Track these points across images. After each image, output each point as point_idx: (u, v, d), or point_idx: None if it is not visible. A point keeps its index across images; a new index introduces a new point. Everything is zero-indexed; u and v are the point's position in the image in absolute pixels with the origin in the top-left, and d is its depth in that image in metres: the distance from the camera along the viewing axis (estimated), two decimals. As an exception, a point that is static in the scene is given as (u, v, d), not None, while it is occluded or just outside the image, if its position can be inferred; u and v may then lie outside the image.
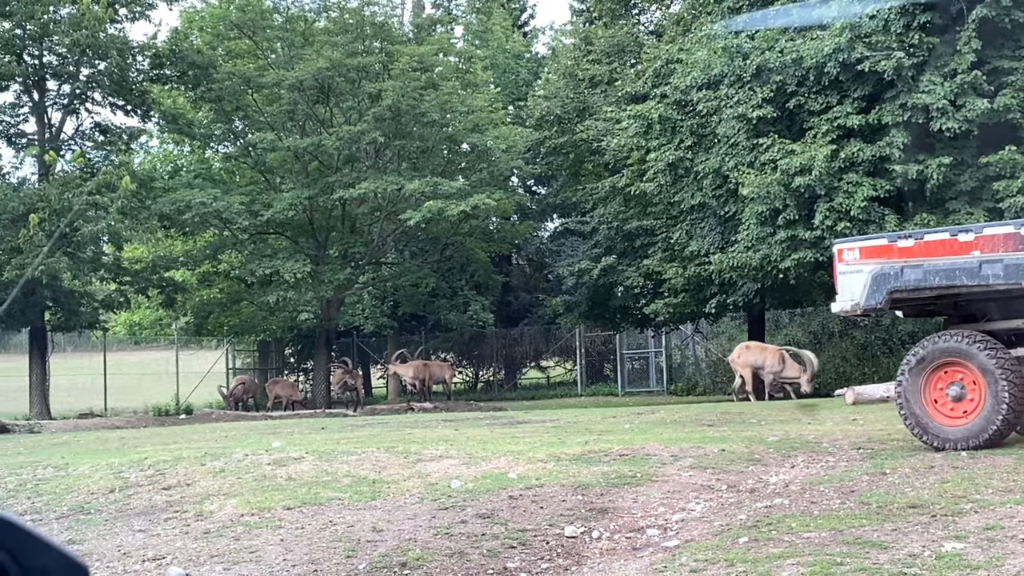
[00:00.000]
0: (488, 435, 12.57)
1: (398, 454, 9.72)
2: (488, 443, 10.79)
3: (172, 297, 31.16)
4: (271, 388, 31.62)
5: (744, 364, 22.93)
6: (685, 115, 23.85)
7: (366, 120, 28.31)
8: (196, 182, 29.53)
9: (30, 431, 23.57)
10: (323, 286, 29.51)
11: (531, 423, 15.51)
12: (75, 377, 37.59)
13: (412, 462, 9.37)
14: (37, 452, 13.88)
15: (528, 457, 9.32)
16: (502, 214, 32.92)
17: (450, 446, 10.37)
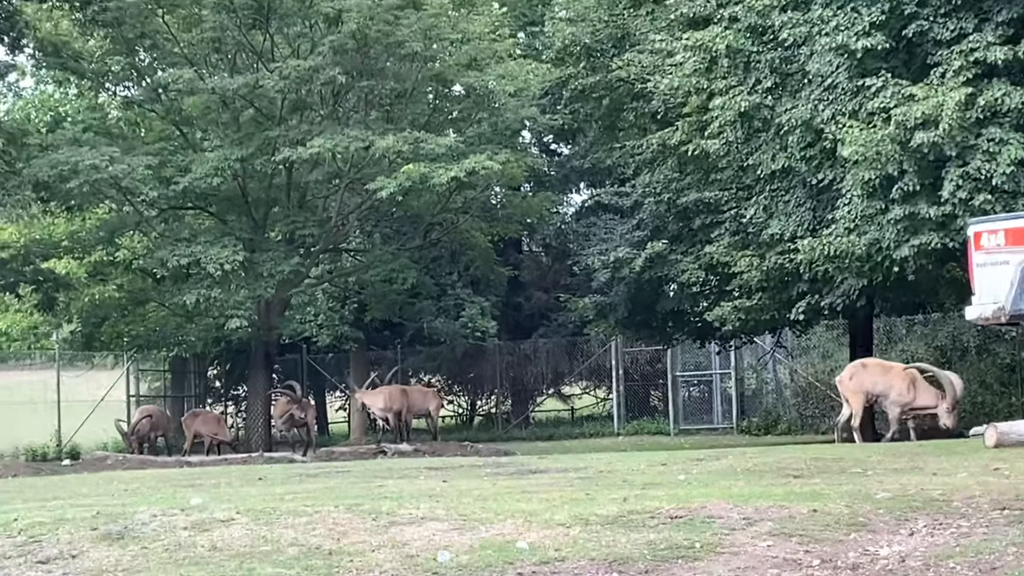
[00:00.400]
0: (489, 489, 12.56)
1: (364, 514, 9.75)
2: (489, 500, 10.80)
3: (52, 296, 31.36)
4: (190, 423, 31.80)
5: (858, 390, 22.70)
6: (763, 46, 23.78)
7: (320, 52, 28.40)
8: (85, 137, 29.64)
9: None
10: (261, 281, 29.63)
11: (549, 472, 15.52)
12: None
13: (383, 526, 9.39)
14: None
15: (544, 520, 9.32)
16: (509, 182, 32.86)
17: (436, 504, 10.39)
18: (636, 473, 14.49)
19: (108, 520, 10.18)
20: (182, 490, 15.10)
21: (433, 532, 9.25)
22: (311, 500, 11.26)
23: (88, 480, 20.07)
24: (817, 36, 22.13)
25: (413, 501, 10.80)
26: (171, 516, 10.16)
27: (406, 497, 11.48)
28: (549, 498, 10.79)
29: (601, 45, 30.50)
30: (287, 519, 9.77)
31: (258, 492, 13.54)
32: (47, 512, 11.27)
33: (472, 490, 12.40)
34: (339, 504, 10.29)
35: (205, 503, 11.14)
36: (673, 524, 9.28)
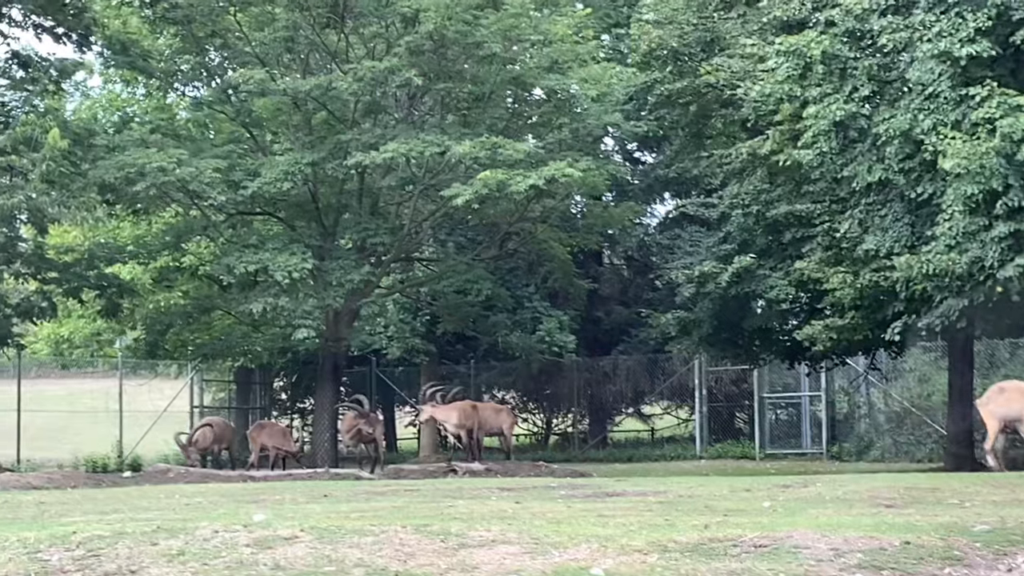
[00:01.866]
0: (564, 512, 12.54)
1: (432, 536, 9.75)
2: (563, 523, 10.78)
3: (116, 302, 31.66)
4: (255, 436, 31.93)
5: (993, 414, 22.77)
6: (861, 52, 23.68)
7: (397, 53, 28.52)
8: (153, 139, 29.97)
9: (-91, 489, 24.10)
10: (330, 291, 29.78)
11: (626, 496, 15.49)
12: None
13: (452, 548, 9.39)
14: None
15: (621, 545, 9.28)
16: (590, 191, 32.82)
17: (508, 526, 10.38)
18: (718, 499, 14.42)
19: (168, 535, 10.25)
20: (245, 506, 15.21)
21: (504, 556, 9.23)
22: (377, 519, 11.29)
23: (149, 493, 20.26)
24: (919, 42, 22.02)
25: (484, 523, 10.79)
26: (233, 532, 10.21)
27: (476, 518, 11.48)
28: (626, 523, 10.76)
29: (689, 49, 30.38)
30: (352, 538, 9.80)
31: (323, 509, 13.59)
32: (106, 525, 11.38)
33: (545, 512, 12.38)
34: (407, 524, 10.29)
35: (268, 520, 11.20)
36: (756, 553, 9.22)
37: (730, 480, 20.20)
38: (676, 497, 14.82)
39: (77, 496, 19.73)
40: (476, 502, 14.65)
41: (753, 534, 9.56)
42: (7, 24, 29.76)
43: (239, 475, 28.44)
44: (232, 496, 17.65)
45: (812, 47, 23.80)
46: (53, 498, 19.06)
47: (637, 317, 40.42)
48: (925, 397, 34.09)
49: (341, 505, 14.58)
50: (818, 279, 26.28)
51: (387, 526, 10.22)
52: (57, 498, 18.92)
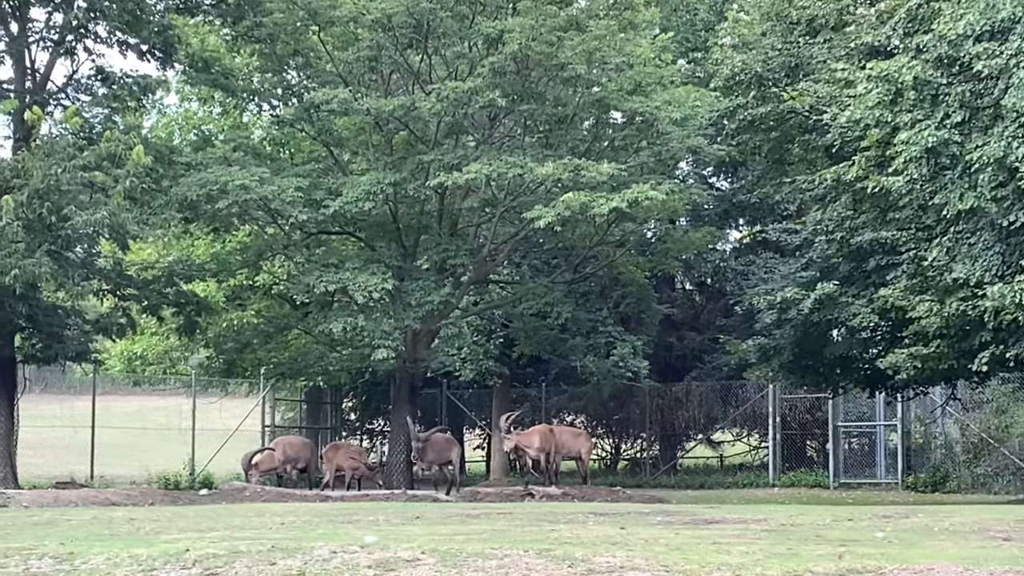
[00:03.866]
0: (673, 538, 12.34)
1: (557, 561, 9.57)
2: (683, 550, 10.57)
3: (194, 320, 31.67)
4: (331, 457, 31.80)
5: None
6: (953, 78, 23.40)
7: (480, 74, 28.44)
8: (235, 156, 30.00)
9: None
10: (409, 311, 29.69)
11: (726, 523, 15.27)
12: (44, 430, 38.47)
13: (581, 574, 9.21)
14: (18, 536, 14.13)
15: (757, 574, 9.08)
16: (670, 215, 32.67)
17: (628, 552, 10.18)
18: (824, 528, 14.17)
19: (286, 555, 10.15)
20: (342, 526, 15.11)
21: (639, 582, 9.07)
22: (489, 543, 11.13)
23: (235, 511, 20.20)
24: (1015, 68, 21.70)
25: (599, 547, 10.61)
26: (352, 554, 10.09)
27: (587, 544, 11.30)
28: (748, 551, 10.53)
29: (773, 74, 30.15)
30: (475, 561, 9.64)
31: (423, 531, 13.43)
32: (214, 544, 11.28)
33: (656, 538, 12.18)
34: (528, 549, 10.12)
35: (382, 541, 11.06)
36: (902, 586, 9.00)
37: (825, 509, 19.94)
38: (779, 526, 14.57)
39: (165, 513, 19.69)
40: (576, 527, 14.45)
41: (892, 565, 9.32)
42: (92, 40, 29.90)
43: (315, 495, 28.37)
44: (324, 516, 17.54)
45: (904, 73, 23.51)
46: (141, 515, 19.04)
47: (710, 343, 40.22)
48: (1003, 428, 33.62)
49: (440, 527, 14.43)
50: (902, 307, 25.94)
51: (508, 550, 10.06)
52: (145, 515, 18.89)
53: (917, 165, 23.84)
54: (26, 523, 17.05)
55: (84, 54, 29.96)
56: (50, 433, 39.54)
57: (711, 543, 11.69)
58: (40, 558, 11.06)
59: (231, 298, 36.18)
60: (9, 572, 10.66)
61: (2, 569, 10.75)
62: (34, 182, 26.76)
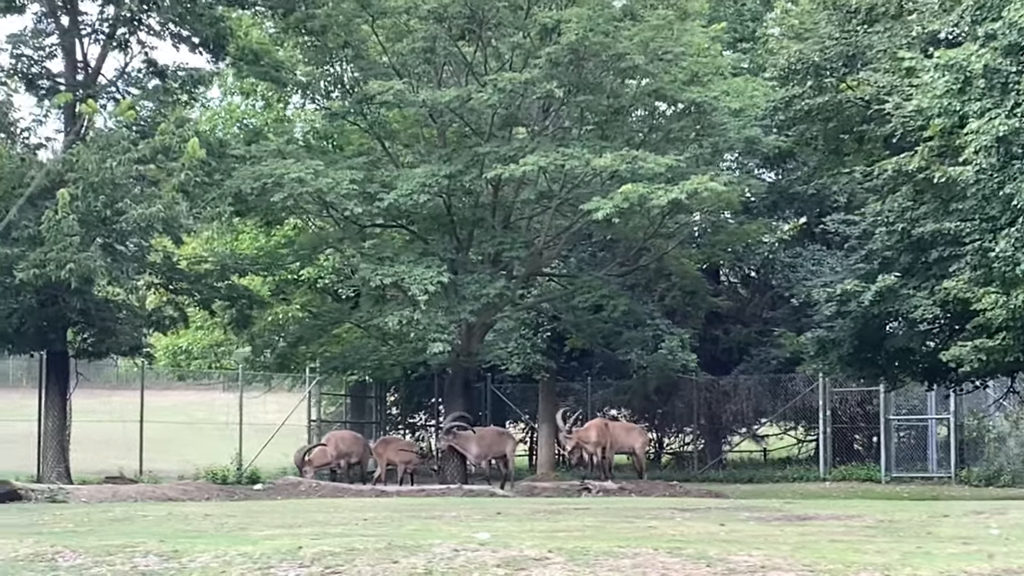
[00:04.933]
0: (781, 535, 12.03)
1: (693, 560, 9.23)
2: (808, 548, 10.23)
3: (246, 314, 31.43)
4: (381, 451, 31.54)
5: None
6: (1022, 66, 23.02)
7: (537, 65, 28.11)
8: (289, 149, 29.74)
9: (51, 499, 23.94)
10: (464, 304, 29.36)
11: (821, 520, 14.93)
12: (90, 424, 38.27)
13: (722, 573, 8.88)
14: (104, 532, 13.88)
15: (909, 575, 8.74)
16: (724, 207, 32.26)
17: (751, 548, 9.85)
18: (928, 525, 13.81)
19: (407, 552, 9.87)
20: (429, 522, 14.84)
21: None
22: (608, 540, 10.84)
23: (308, 507, 20.00)
24: (1090, 56, 21.36)
25: (736, 547, 10.27)
26: (474, 552, 9.80)
27: (696, 539, 11.00)
28: (879, 549, 10.20)
29: (830, 64, 29.78)
30: (607, 560, 9.32)
31: (520, 528, 13.12)
32: (319, 541, 11.00)
33: (767, 536, 11.87)
34: (656, 547, 9.81)
35: (496, 538, 10.78)
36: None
37: (911, 504, 19.60)
38: (878, 522, 14.20)
39: (233, 508, 19.44)
40: (670, 523, 14.15)
41: (1049, 565, 8.98)
42: (145, 33, 29.68)
43: (371, 490, 28.08)
44: (403, 512, 17.28)
45: (973, 61, 23.12)
46: (212, 510, 18.80)
47: (756, 337, 39.87)
48: (1054, 419, 33.34)
49: (533, 523, 14.12)
50: (966, 299, 25.54)
51: (637, 548, 9.75)
52: (217, 510, 18.65)
53: (987, 154, 23.44)
54: (103, 519, 16.80)
55: (137, 47, 29.77)
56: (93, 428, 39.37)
57: (828, 540, 11.39)
58: (144, 555, 10.81)
59: (275, 292, 35.96)
60: (116, 570, 10.42)
61: (109, 567, 10.52)
62: (89, 176, 26.56)
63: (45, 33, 29.53)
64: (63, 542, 11.76)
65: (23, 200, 27.10)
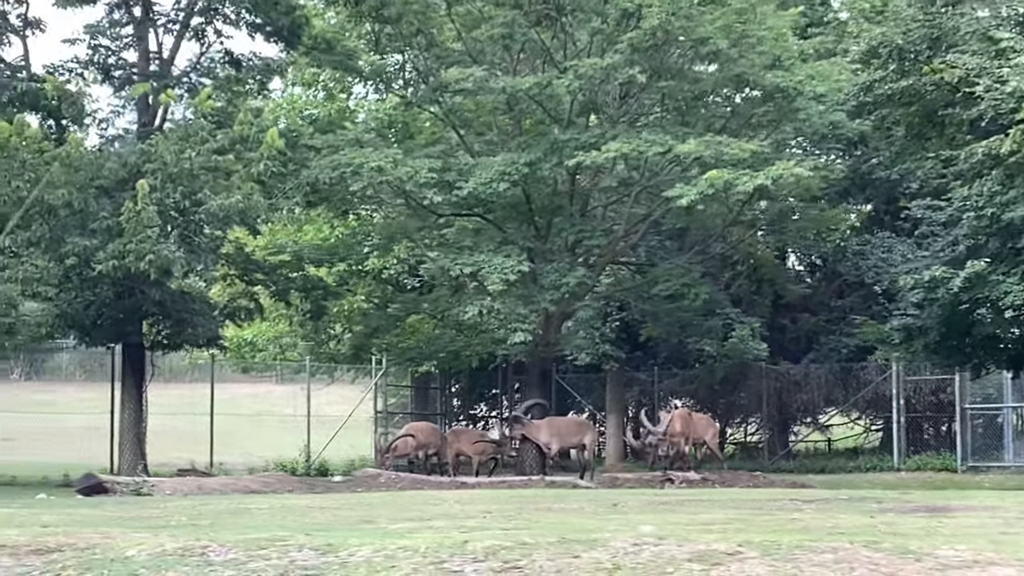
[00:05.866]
0: (938, 526, 11.60)
1: (896, 554, 8.77)
2: (1001, 542, 9.77)
3: (322, 305, 31.15)
4: (453, 443, 31.20)
5: None
6: (1125, 44, 22.54)
7: (619, 50, 27.62)
8: (368, 138, 29.37)
9: (136, 492, 23.70)
10: (543, 294, 28.92)
11: (957, 511, 14.46)
12: (153, 417, 38.07)
13: (935, 569, 8.39)
14: (222, 525, 13.56)
15: None
16: (803, 192, 31.65)
17: (950, 542, 9.39)
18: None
19: (586, 546, 9.42)
20: (548, 515, 14.47)
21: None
22: (746, 532, 10.39)
23: (406, 499, 19.65)
24: None
25: (933, 540, 9.80)
26: (658, 545, 9.34)
27: (850, 533, 10.54)
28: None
29: (914, 46, 29.19)
30: (804, 555, 8.85)
31: (663, 519, 12.70)
32: (473, 534, 10.59)
33: (929, 528, 11.42)
34: (852, 540, 9.35)
35: (662, 531, 10.34)
36: None
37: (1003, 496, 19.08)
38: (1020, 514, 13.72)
39: (339, 500, 19.11)
40: (813, 516, 13.69)
41: None
42: (222, 22, 29.40)
43: (451, 481, 27.69)
44: (513, 503, 16.89)
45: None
46: (314, 502, 18.52)
47: (826, 325, 39.30)
48: None
49: (668, 515, 13.69)
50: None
51: (832, 543, 9.28)
52: (324, 503, 18.36)
53: (1087, 137, 22.96)
54: (214, 512, 16.46)
55: (213, 36, 29.51)
56: (156, 421, 39.20)
57: (999, 532, 10.93)
58: (299, 550, 10.40)
59: (339, 284, 35.64)
60: (273, 564, 10.03)
61: (265, 561, 10.13)
62: (168, 166, 26.32)
63: (121, 23, 29.27)
64: (205, 536, 11.39)
65: (31, 199, 26.68)
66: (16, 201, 26.72)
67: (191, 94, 29.23)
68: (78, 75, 28.95)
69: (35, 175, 26.39)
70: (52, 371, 61.96)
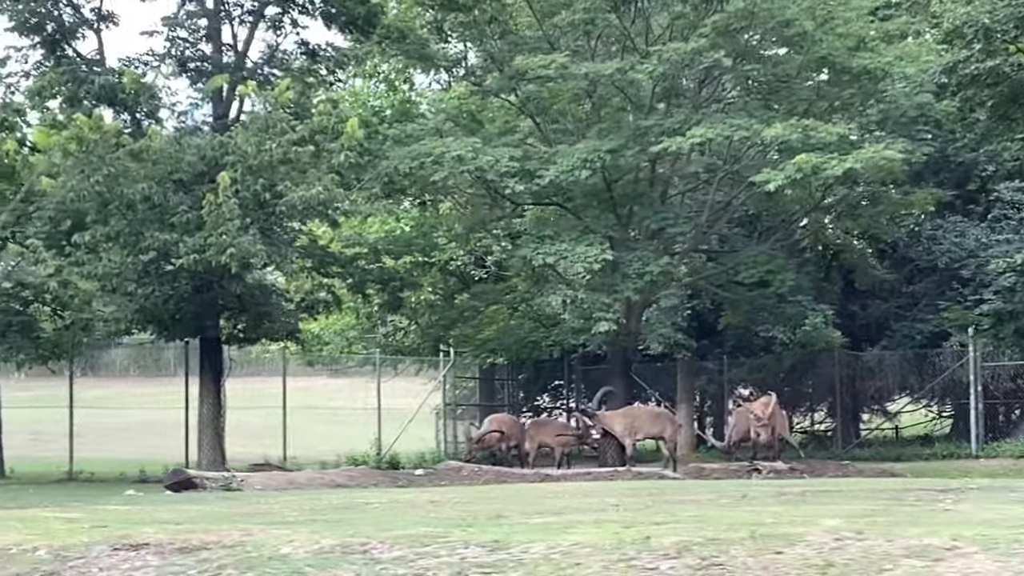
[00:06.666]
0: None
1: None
2: None
3: (398, 296, 30.73)
4: (534, 434, 30.75)
5: None
6: None
7: (702, 34, 27.05)
8: (447, 127, 28.93)
9: (226, 488, 23.36)
10: (626, 283, 28.36)
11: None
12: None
13: None
14: (343, 521, 13.05)
15: None
16: (886, 176, 30.99)
17: None
18: None
19: (784, 542, 8.94)
20: (675, 506, 14.00)
21: None
22: (938, 524, 9.87)
23: (508, 492, 19.25)
24: None
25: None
26: (862, 541, 8.85)
27: None
28: None
29: (1000, 26, 28.58)
30: (1023, 549, 8.36)
31: (792, 510, 12.19)
32: (648, 529, 10.10)
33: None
34: None
35: (848, 525, 9.84)
36: None
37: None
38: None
39: (443, 494, 18.65)
40: (962, 506, 13.16)
41: None
42: (299, 12, 28.99)
43: (534, 474, 27.21)
44: (629, 495, 16.40)
45: None
46: (430, 496, 18.05)
47: (898, 311, 38.60)
48: None
49: (797, 507, 13.16)
50: None
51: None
52: (434, 497, 17.91)
53: None
54: (324, 507, 16.06)
55: (290, 26, 29.12)
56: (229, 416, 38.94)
57: None
58: (466, 546, 9.97)
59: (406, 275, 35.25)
60: (444, 561, 9.64)
61: (434, 558, 9.74)
62: (248, 158, 25.94)
63: (197, 15, 28.90)
64: (341, 533, 10.95)
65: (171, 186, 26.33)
66: (94, 196, 26.44)
67: (263, 86, 28.80)
68: (154, 68, 28.61)
69: (113, 170, 26.08)
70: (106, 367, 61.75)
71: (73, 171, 25.93)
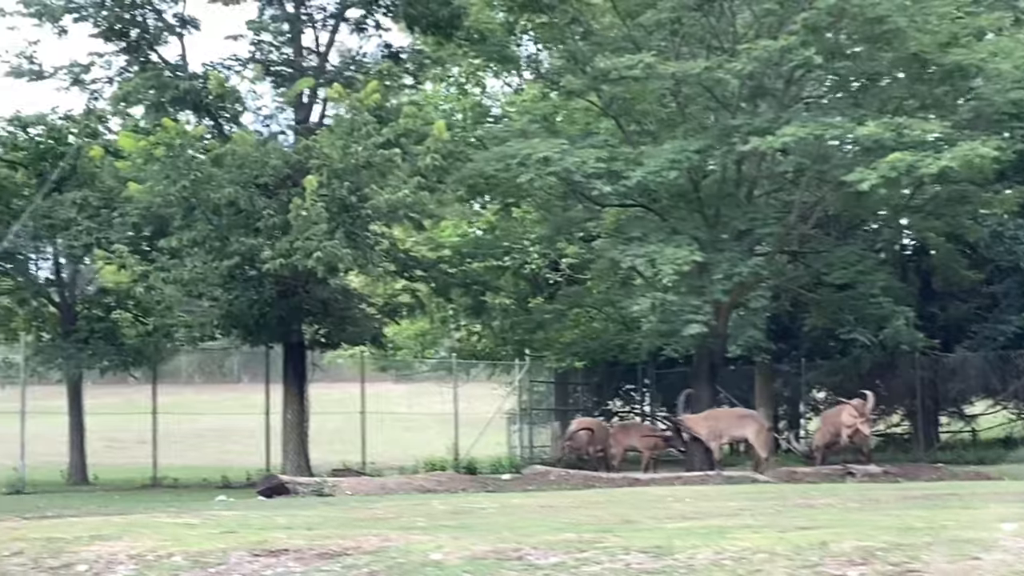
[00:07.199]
0: None
1: None
2: None
3: (481, 301, 30.43)
4: (621, 438, 30.40)
5: None
6: None
7: (792, 32, 26.53)
8: (533, 129, 28.60)
9: (318, 493, 23.14)
10: (714, 285, 27.88)
11: None
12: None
13: None
14: (475, 528, 12.67)
15: None
16: (975, 174, 30.32)
17: None
18: None
19: (977, 547, 8.58)
20: (822, 512, 13.57)
21: None
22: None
23: (616, 496, 18.84)
24: None
25: None
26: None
27: None
28: None
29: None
30: None
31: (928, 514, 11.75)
32: (825, 532, 9.70)
33: None
34: None
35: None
36: None
37: None
38: None
39: (565, 501, 18.20)
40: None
41: None
42: (383, 15, 28.80)
43: (623, 478, 26.83)
44: (749, 500, 16.01)
45: None
46: (539, 502, 17.79)
47: (978, 312, 38.00)
48: None
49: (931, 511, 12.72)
50: None
51: None
52: (542, 501, 17.63)
53: None
54: (444, 512, 15.71)
55: (373, 28, 28.95)
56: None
57: None
58: (627, 552, 9.62)
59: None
60: (607, 567, 9.37)
61: (597, 564, 9.46)
62: (333, 161, 25.73)
63: (280, 19, 28.74)
64: (505, 537, 10.60)
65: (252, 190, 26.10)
66: (180, 201, 26.31)
67: (347, 89, 28.59)
68: (237, 72, 28.47)
69: (199, 175, 25.95)
70: (170, 374, 61.80)
71: (159, 176, 25.81)
